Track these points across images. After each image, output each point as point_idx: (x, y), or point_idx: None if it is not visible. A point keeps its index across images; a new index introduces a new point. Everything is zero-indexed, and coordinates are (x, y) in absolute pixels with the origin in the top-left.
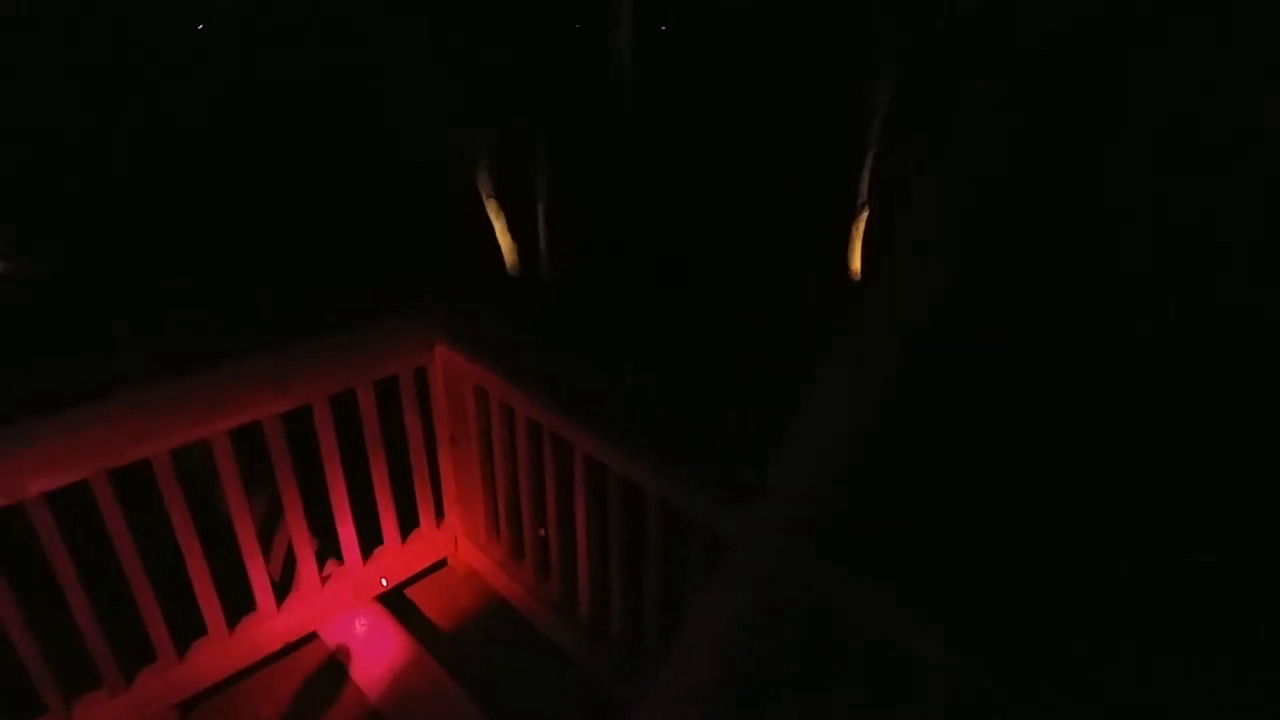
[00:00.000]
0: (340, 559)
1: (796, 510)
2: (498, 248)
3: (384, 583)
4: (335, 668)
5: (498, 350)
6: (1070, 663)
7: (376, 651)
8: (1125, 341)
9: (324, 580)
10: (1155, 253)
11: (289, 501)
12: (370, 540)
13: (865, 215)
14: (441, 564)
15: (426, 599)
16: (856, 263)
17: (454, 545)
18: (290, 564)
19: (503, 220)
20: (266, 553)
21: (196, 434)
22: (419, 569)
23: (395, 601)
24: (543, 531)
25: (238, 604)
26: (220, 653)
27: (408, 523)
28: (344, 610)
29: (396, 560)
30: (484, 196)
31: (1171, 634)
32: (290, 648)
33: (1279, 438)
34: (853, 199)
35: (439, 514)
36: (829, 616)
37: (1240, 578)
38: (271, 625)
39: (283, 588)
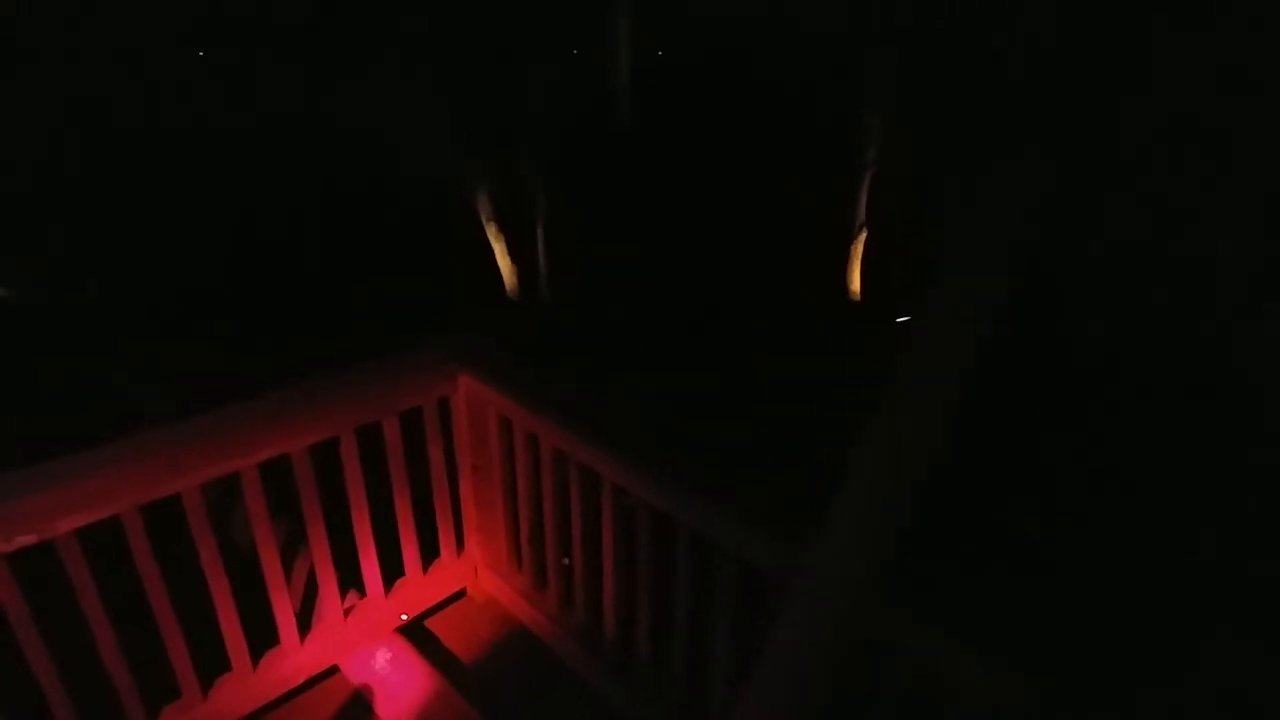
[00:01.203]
0: (360, 590)
1: (862, 551)
2: (498, 271)
3: (404, 617)
4: (357, 701)
5: (522, 379)
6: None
7: (398, 684)
8: (1140, 361)
9: (346, 613)
10: (1157, 271)
11: (314, 534)
12: (391, 570)
13: (863, 236)
14: (461, 594)
15: (447, 630)
16: (856, 283)
17: (474, 575)
18: (311, 596)
19: (502, 243)
20: (288, 585)
21: (228, 467)
22: (439, 599)
23: (416, 633)
24: (566, 560)
25: (260, 638)
26: (244, 689)
27: (428, 553)
28: (366, 643)
29: (417, 591)
30: (483, 220)
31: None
32: (312, 681)
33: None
34: (850, 220)
35: (459, 544)
36: (898, 661)
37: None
38: (294, 660)
39: (304, 620)
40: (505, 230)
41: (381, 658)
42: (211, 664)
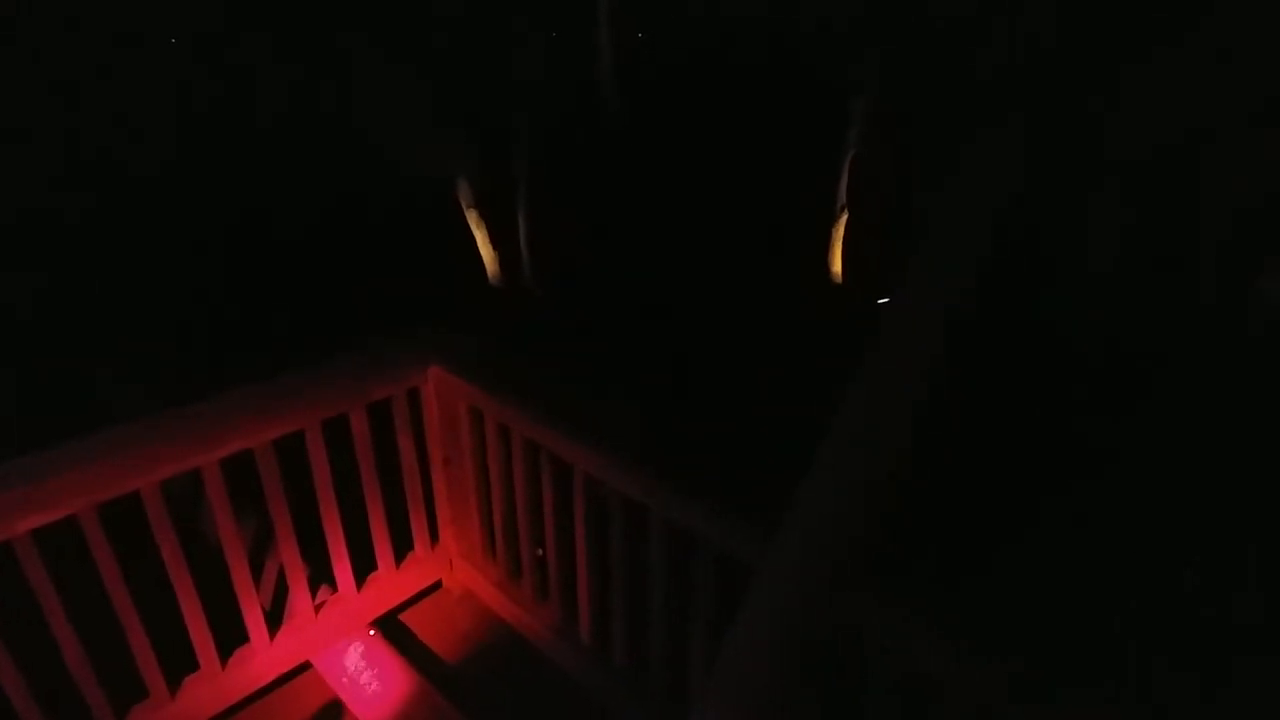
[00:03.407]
0: (333, 585)
1: (829, 538)
2: (479, 258)
3: (372, 632)
4: (330, 698)
5: (493, 370)
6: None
7: (372, 679)
8: (1124, 338)
9: (317, 609)
10: (1135, 256)
11: (281, 530)
12: (363, 565)
13: (844, 218)
14: (436, 586)
15: (422, 623)
16: (837, 264)
17: (449, 567)
18: (282, 593)
19: (484, 230)
20: (257, 582)
21: (188, 464)
22: (414, 592)
23: (390, 626)
24: (540, 551)
25: (229, 636)
26: (213, 688)
27: (401, 546)
28: (338, 638)
29: (391, 585)
30: (464, 207)
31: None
32: (284, 679)
33: (1269, 434)
34: (831, 202)
35: (433, 536)
36: (862, 646)
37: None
38: (265, 657)
39: (274, 617)
40: (487, 218)
41: (354, 653)
42: (183, 662)
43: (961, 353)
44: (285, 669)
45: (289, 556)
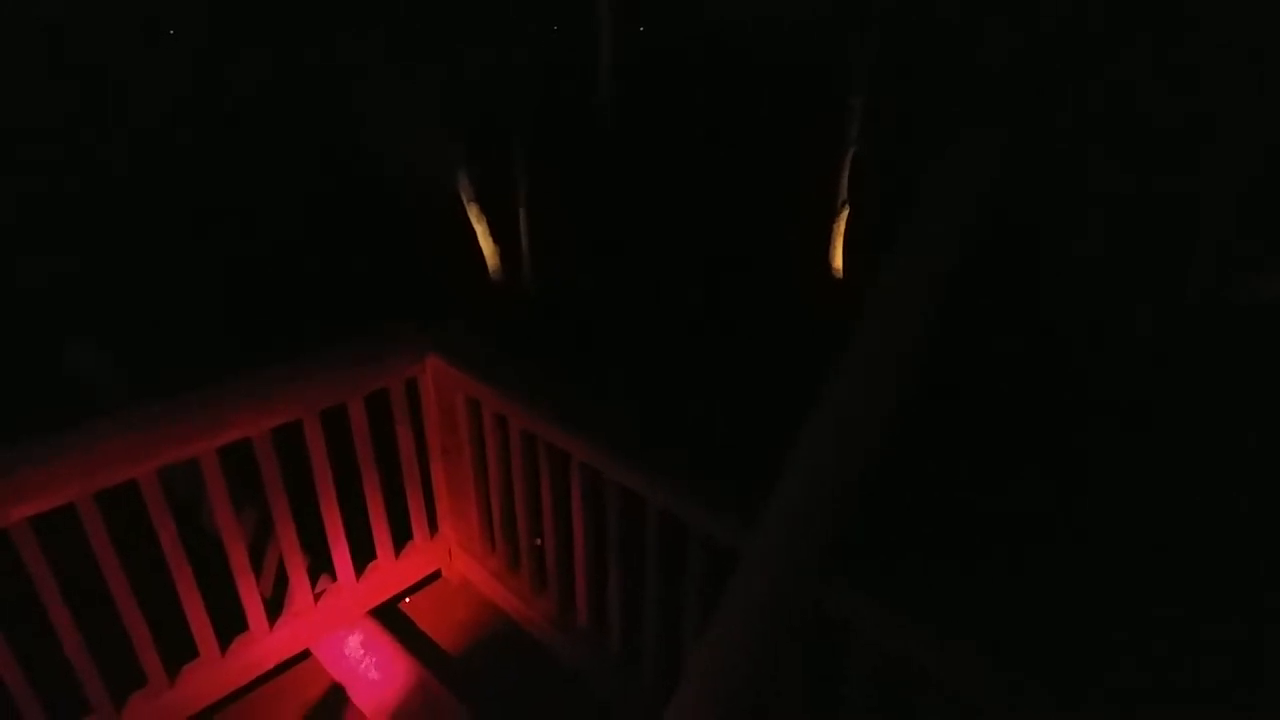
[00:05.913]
0: (333, 574)
1: (805, 530)
2: (480, 252)
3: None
4: (329, 686)
5: (490, 361)
6: (1078, 670)
7: (371, 667)
8: (1111, 336)
9: (317, 597)
10: (1132, 248)
11: (280, 519)
12: (363, 554)
13: (845, 214)
14: (435, 576)
15: (421, 612)
16: (838, 260)
17: (448, 557)
18: (282, 582)
19: (485, 225)
20: (257, 571)
21: (185, 453)
22: (413, 582)
23: (389, 615)
24: (538, 541)
25: (229, 624)
26: (213, 675)
27: (400, 536)
28: (337, 627)
29: (390, 574)
30: (465, 201)
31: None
32: (283, 666)
33: (1262, 424)
34: (833, 198)
35: (432, 526)
36: (839, 635)
37: (1230, 568)
38: (264, 645)
39: (274, 606)
40: (488, 212)
41: (354, 641)
42: (183, 650)
43: (944, 341)
44: (285, 657)
45: (288, 545)
